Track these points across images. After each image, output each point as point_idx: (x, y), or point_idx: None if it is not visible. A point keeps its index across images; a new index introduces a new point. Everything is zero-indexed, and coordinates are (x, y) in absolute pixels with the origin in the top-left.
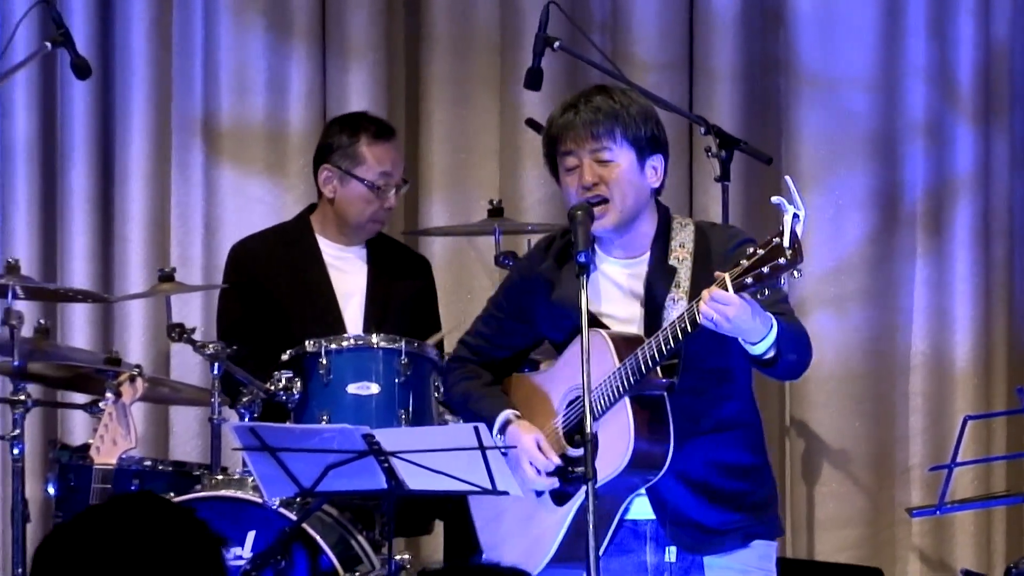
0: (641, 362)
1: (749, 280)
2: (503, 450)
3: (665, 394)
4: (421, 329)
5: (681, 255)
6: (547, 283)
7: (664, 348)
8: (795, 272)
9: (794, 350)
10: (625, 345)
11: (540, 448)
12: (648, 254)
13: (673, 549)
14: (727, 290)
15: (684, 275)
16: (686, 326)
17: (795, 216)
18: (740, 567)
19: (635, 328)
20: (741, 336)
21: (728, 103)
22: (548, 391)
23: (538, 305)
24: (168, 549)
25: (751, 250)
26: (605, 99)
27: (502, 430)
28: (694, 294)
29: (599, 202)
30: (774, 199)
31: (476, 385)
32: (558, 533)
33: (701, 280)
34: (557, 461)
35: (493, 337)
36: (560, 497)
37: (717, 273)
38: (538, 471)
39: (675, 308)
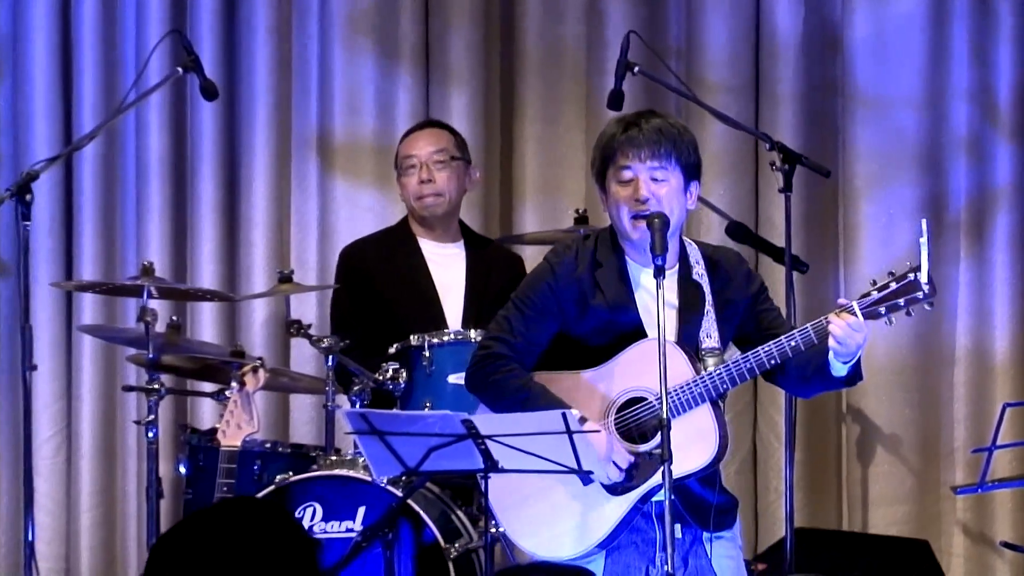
0: (739, 372)
1: (882, 309)
2: (584, 432)
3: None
4: None
5: (698, 271)
6: (586, 289)
7: (769, 362)
8: (929, 304)
9: (859, 375)
10: (693, 355)
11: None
12: (676, 268)
13: (678, 526)
14: (857, 316)
15: (707, 290)
16: (798, 344)
17: (928, 254)
18: (733, 539)
19: (671, 336)
20: (847, 357)
21: (791, 121)
22: (596, 391)
23: (575, 309)
24: (266, 548)
25: (882, 282)
26: (664, 123)
27: (581, 423)
28: (719, 308)
29: (653, 216)
30: (921, 239)
31: (526, 382)
32: (614, 521)
33: (720, 296)
34: (631, 458)
35: (528, 335)
36: (614, 488)
37: (842, 300)
38: (615, 464)
39: (707, 320)
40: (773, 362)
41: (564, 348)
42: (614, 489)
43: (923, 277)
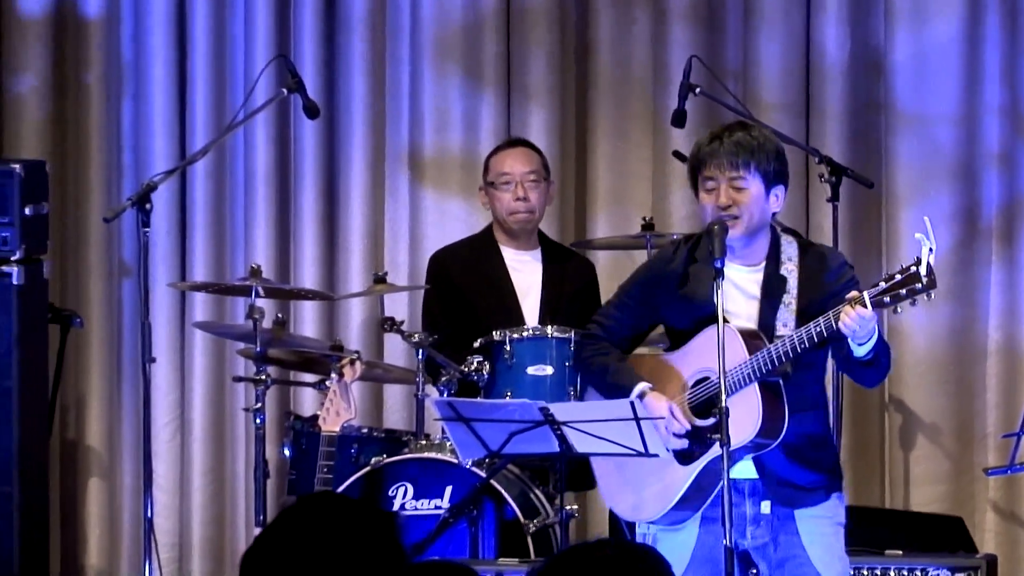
0: (777, 355)
1: (887, 299)
2: (650, 419)
3: (781, 380)
4: (587, 320)
5: (789, 267)
6: (676, 280)
7: (799, 347)
8: (928, 295)
9: (885, 355)
10: (749, 338)
11: (675, 415)
12: (764, 264)
13: (767, 503)
14: (866, 306)
15: (792, 284)
16: (822, 331)
17: (930, 250)
18: (825, 515)
19: (751, 324)
20: (861, 340)
21: (837, 137)
22: (676, 370)
23: (667, 297)
24: (351, 537)
25: (887, 273)
26: (745, 135)
27: (640, 399)
28: (802, 300)
29: (732, 218)
30: (916, 235)
31: (612, 360)
32: (683, 486)
33: (807, 289)
34: (688, 426)
35: (623, 320)
36: (685, 457)
37: (855, 293)
38: (674, 434)
39: (786, 310)
40: (803, 346)
41: (671, 332)
42: (683, 459)
43: (923, 270)
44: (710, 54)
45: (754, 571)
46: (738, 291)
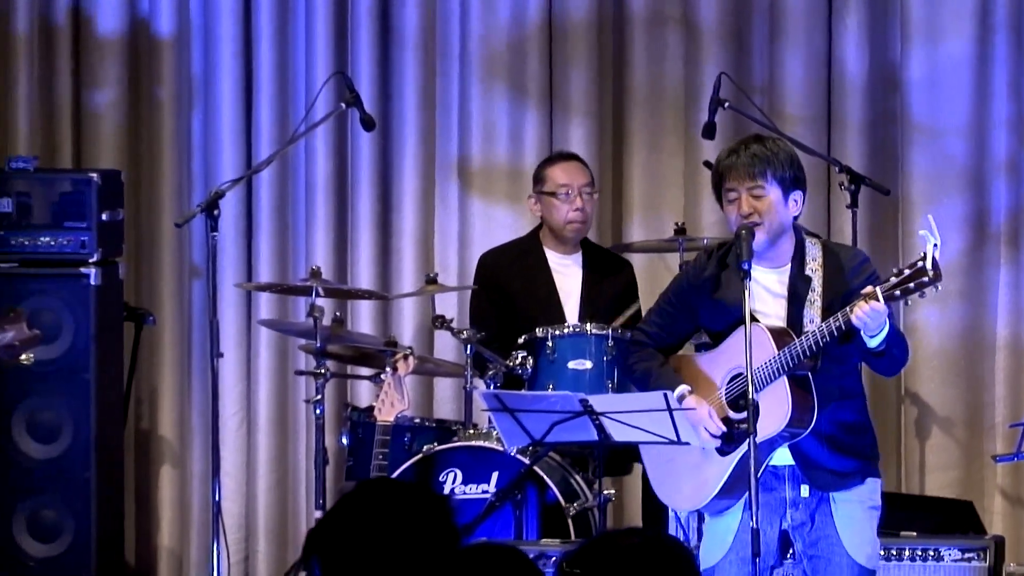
0: (801, 350)
1: (898, 293)
2: (682, 409)
3: (809, 373)
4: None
5: (814, 267)
6: (711, 284)
7: (821, 341)
8: (935, 288)
9: (897, 346)
10: (778, 336)
11: (711, 417)
12: (789, 265)
13: (806, 487)
14: (879, 301)
15: (817, 283)
16: (840, 325)
17: (935, 245)
18: (859, 499)
19: (780, 322)
20: (872, 333)
21: (857, 147)
22: (712, 369)
23: (702, 301)
24: (408, 519)
25: (896, 269)
26: (760, 147)
27: (680, 401)
28: (826, 298)
29: (754, 225)
30: (920, 232)
31: (655, 365)
32: (722, 477)
33: (830, 287)
34: (723, 428)
35: (665, 327)
36: (721, 451)
37: (869, 288)
38: (711, 434)
39: (812, 308)
40: (824, 340)
41: (709, 334)
42: (722, 452)
43: (928, 264)
44: (738, 71)
45: (791, 550)
46: (766, 292)
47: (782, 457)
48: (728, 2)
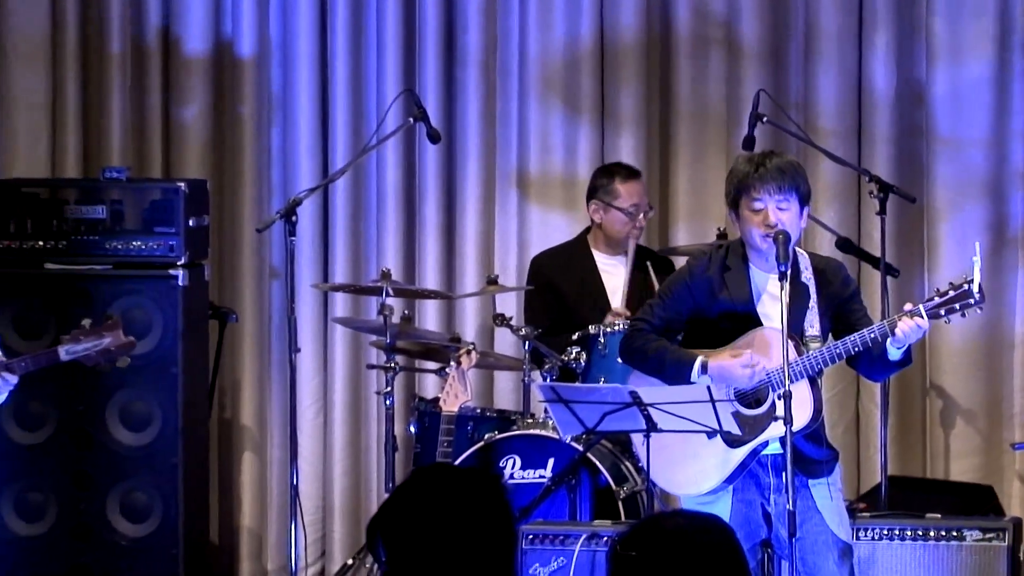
0: (831, 356)
1: (942, 312)
2: (724, 400)
3: (817, 375)
4: None
5: (807, 275)
6: (714, 284)
7: (853, 348)
8: (978, 309)
9: (908, 358)
10: (792, 340)
11: (750, 360)
12: (788, 272)
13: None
14: (923, 318)
15: (812, 290)
16: (876, 336)
17: (980, 271)
18: (831, 483)
19: (778, 324)
20: (901, 345)
21: (885, 159)
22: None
23: (706, 299)
24: (462, 499)
25: (943, 291)
26: (783, 161)
27: (703, 369)
28: (822, 305)
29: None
30: (973, 258)
31: (666, 344)
32: (729, 468)
33: (822, 294)
34: (757, 360)
35: (665, 316)
36: (733, 442)
37: (908, 306)
38: (752, 374)
39: (811, 312)
40: (857, 349)
41: (701, 329)
42: (732, 443)
43: (975, 288)
44: (775, 88)
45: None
46: (770, 297)
47: (771, 447)
48: (766, 25)
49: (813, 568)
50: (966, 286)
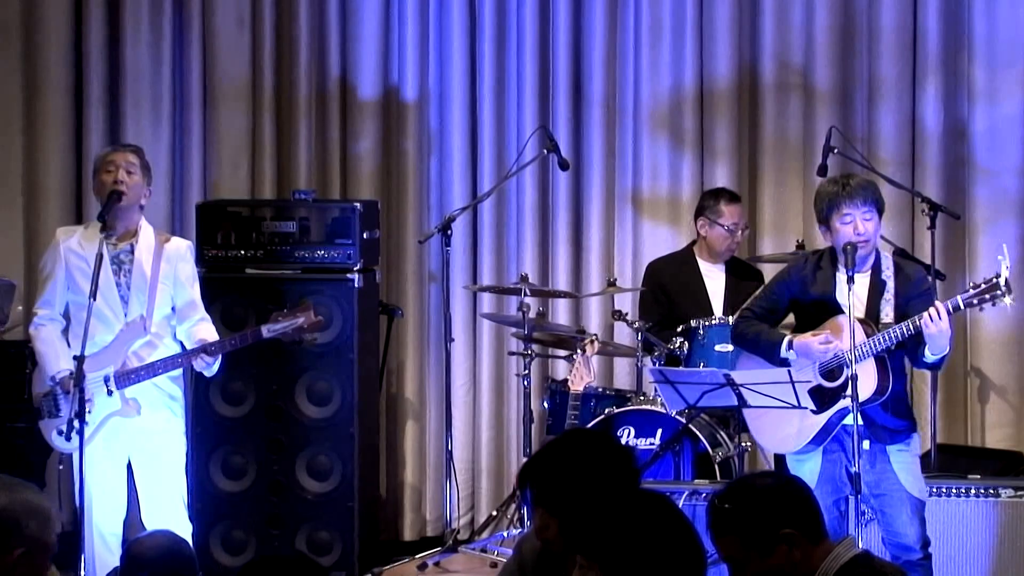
0: (889, 338)
1: (975, 301)
2: (801, 382)
3: (885, 355)
4: None
5: (887, 273)
6: (809, 282)
7: (905, 332)
8: (1009, 297)
9: (942, 362)
10: (866, 326)
11: (827, 340)
12: (870, 271)
13: (867, 442)
14: (939, 311)
15: (890, 286)
16: (911, 327)
17: (1007, 267)
18: (907, 449)
19: (860, 314)
20: (936, 351)
21: (934, 184)
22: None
23: (801, 294)
24: (600, 455)
25: (975, 282)
26: (865, 181)
27: (790, 345)
28: (897, 298)
29: (864, 241)
30: (999, 257)
31: (763, 327)
32: (813, 431)
33: (899, 289)
34: (831, 338)
35: (768, 307)
36: (816, 411)
37: (938, 303)
38: (826, 350)
39: (887, 304)
40: (901, 335)
41: (801, 315)
42: (815, 411)
43: (1002, 282)
44: (844, 125)
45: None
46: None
47: (848, 417)
48: (837, 72)
49: (890, 519)
50: (995, 279)
